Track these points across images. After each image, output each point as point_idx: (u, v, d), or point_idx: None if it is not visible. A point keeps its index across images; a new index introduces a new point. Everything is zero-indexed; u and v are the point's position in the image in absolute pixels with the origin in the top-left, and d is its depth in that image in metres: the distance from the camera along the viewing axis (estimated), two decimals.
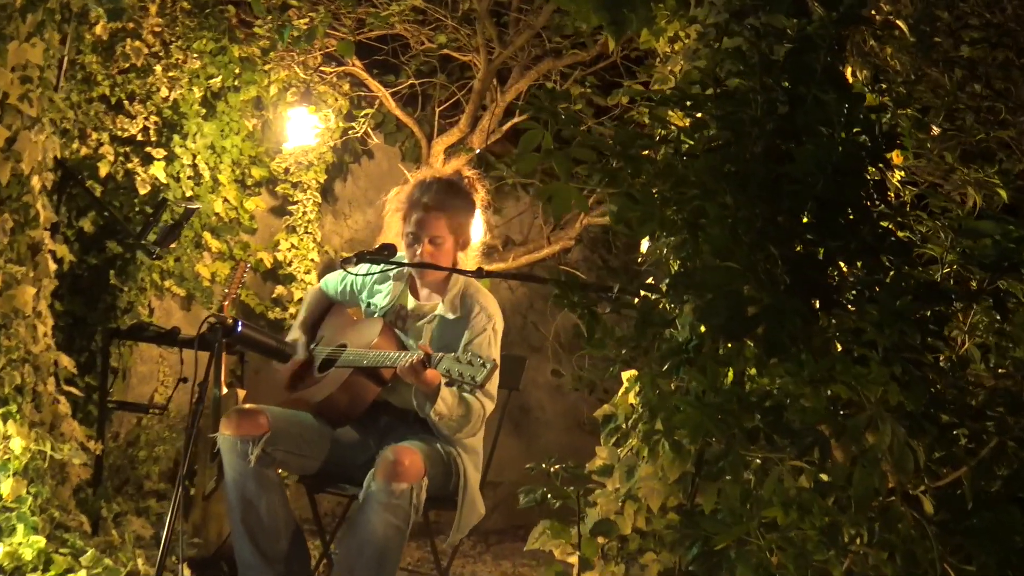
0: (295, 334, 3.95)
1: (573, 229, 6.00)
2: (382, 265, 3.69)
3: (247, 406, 3.62)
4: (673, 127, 2.71)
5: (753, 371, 2.55)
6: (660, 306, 2.43)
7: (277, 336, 3.86)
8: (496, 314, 3.72)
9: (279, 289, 5.88)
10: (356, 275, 3.91)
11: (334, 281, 4.05)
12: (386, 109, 5.93)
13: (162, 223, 4.31)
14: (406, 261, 3.73)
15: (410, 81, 5.90)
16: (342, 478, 3.71)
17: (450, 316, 3.71)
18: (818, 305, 2.27)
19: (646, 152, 2.39)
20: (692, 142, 2.34)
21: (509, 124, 5.84)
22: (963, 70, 3.32)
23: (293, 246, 5.83)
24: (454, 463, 3.66)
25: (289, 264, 5.84)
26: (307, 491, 3.83)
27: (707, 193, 2.10)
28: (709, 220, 2.12)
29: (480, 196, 3.81)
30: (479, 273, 3.49)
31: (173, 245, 4.73)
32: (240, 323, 3.53)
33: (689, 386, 2.46)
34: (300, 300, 5.77)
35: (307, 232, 5.85)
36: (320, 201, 5.92)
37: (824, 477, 2.27)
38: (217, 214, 5.56)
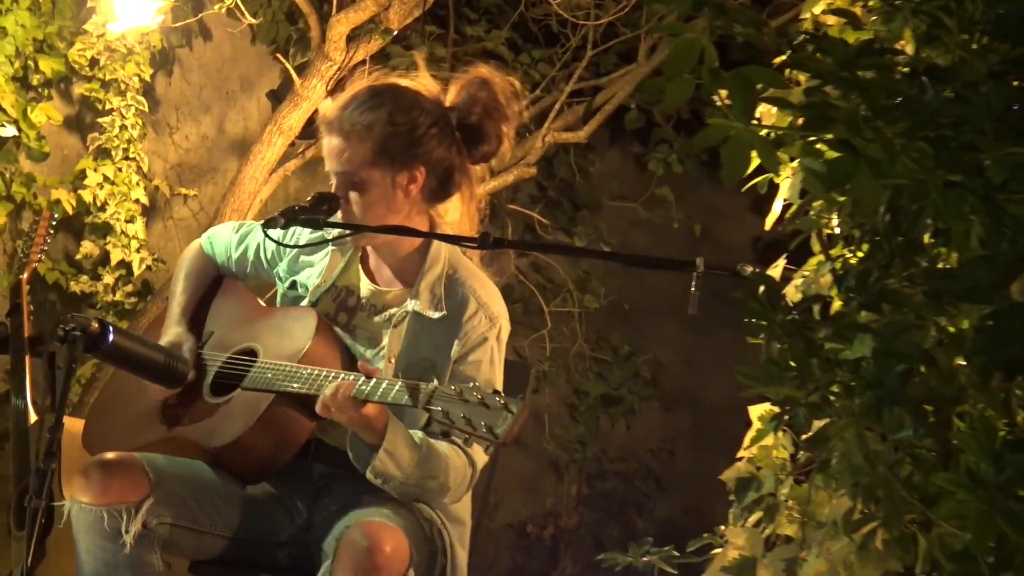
0: (173, 332, 3.66)
1: (531, 150, 5.79)
2: (323, 231, 3.39)
3: (111, 456, 3.38)
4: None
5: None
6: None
7: (162, 346, 3.54)
8: (501, 313, 3.50)
9: (86, 246, 5.85)
10: (281, 244, 3.62)
11: (226, 240, 3.77)
12: None
13: None
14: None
15: None
16: (258, 563, 3.57)
17: (430, 314, 3.44)
18: None
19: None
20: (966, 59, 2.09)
21: None
22: None
23: (106, 179, 5.74)
24: (439, 538, 3.47)
25: (101, 208, 5.74)
26: None
27: None
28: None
29: (512, 109, 3.48)
30: (484, 242, 3.17)
31: None
32: (111, 329, 3.26)
33: (892, 437, 2.32)
34: (120, 264, 5.64)
35: (127, 158, 5.80)
36: (145, 109, 5.90)
37: None
38: None
